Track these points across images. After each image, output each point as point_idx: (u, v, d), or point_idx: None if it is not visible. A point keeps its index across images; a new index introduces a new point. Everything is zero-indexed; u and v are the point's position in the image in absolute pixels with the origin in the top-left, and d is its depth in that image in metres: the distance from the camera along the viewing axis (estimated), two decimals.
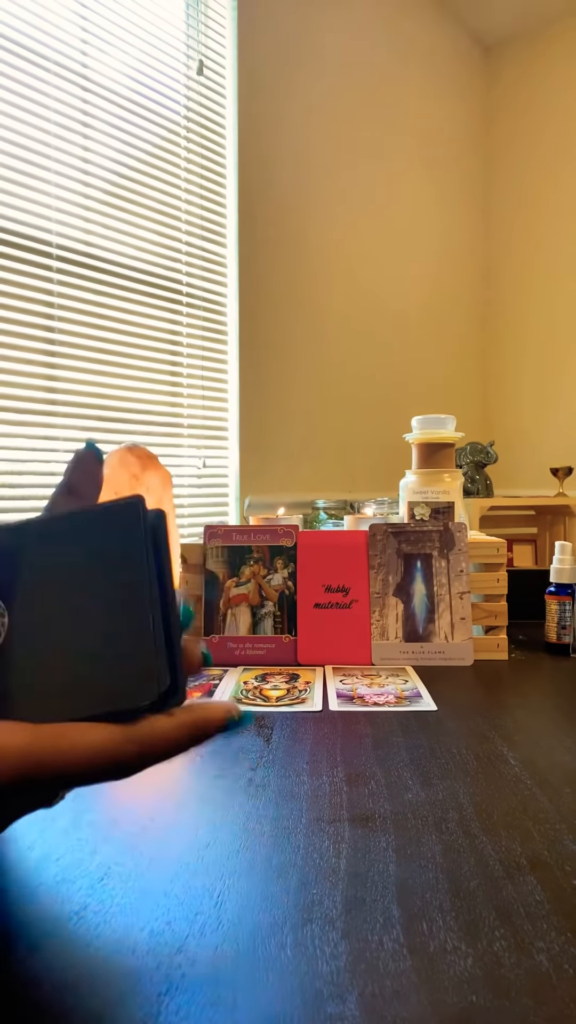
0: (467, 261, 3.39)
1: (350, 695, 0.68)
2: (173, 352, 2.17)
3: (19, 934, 0.32)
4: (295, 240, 2.52)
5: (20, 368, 1.77)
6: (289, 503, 2.29)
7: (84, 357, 1.91)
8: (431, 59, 3.13)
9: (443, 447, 0.93)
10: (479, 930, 0.32)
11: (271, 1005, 0.27)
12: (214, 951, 0.30)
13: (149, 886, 0.35)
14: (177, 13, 2.16)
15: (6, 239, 1.73)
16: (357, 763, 0.51)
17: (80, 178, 1.89)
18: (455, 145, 3.30)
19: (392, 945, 0.31)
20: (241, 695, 0.68)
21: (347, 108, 2.71)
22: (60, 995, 0.28)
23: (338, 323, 2.70)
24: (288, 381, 2.51)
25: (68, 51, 1.85)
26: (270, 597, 0.82)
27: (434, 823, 0.42)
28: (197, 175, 2.22)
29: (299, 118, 2.52)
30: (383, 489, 2.09)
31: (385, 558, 0.82)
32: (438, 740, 0.56)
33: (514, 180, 3.41)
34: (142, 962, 0.30)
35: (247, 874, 0.36)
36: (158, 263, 2.11)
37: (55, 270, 1.84)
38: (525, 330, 3.40)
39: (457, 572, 0.81)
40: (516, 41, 3.39)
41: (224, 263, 2.32)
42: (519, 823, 0.42)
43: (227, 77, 2.31)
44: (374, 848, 0.39)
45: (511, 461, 3.19)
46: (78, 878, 0.36)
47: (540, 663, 0.80)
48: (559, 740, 0.56)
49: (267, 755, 0.53)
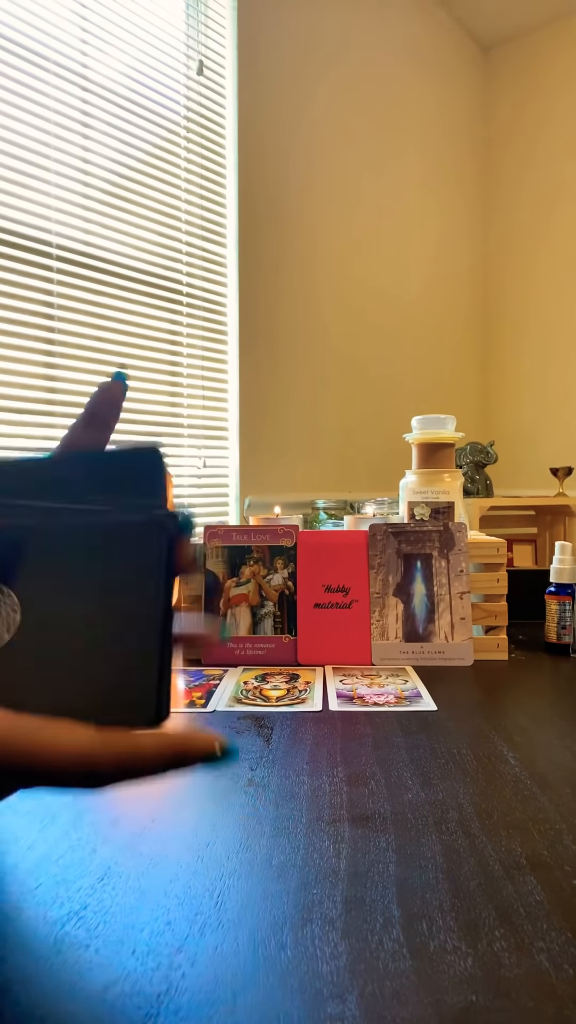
0: (467, 261, 3.39)
1: (350, 695, 0.68)
2: (173, 352, 2.17)
3: (19, 934, 0.32)
4: (295, 240, 2.52)
5: (20, 368, 1.77)
6: (289, 503, 2.29)
7: (84, 357, 1.91)
8: (431, 60, 3.13)
9: (443, 447, 0.93)
10: (479, 930, 0.32)
11: (271, 1005, 0.27)
12: (214, 951, 0.30)
13: (149, 886, 0.35)
14: (177, 13, 2.16)
15: (6, 239, 1.73)
16: (357, 763, 0.51)
17: (80, 178, 1.89)
18: (455, 145, 3.30)
19: (392, 945, 0.31)
20: (241, 695, 0.68)
21: (347, 108, 2.71)
22: (60, 995, 0.28)
23: (338, 323, 2.70)
24: (288, 381, 2.51)
25: (68, 51, 1.85)
26: (270, 597, 0.82)
27: (434, 823, 0.42)
28: (197, 175, 2.22)
29: (299, 118, 2.52)
30: (383, 489, 2.09)
31: (385, 558, 0.82)
32: (438, 740, 0.56)
33: (514, 180, 3.41)
34: (142, 962, 0.30)
35: (247, 874, 0.36)
36: (158, 263, 2.11)
37: (55, 270, 1.84)
38: (525, 330, 3.40)
39: (457, 572, 0.81)
40: (515, 41, 3.39)
41: (224, 263, 2.32)
42: (519, 823, 0.42)
43: (227, 77, 2.31)
44: (374, 848, 0.39)
45: (511, 461, 3.19)
46: (78, 878, 0.36)
47: (540, 663, 0.80)
48: (559, 740, 0.56)
49: (267, 755, 0.53)
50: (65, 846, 0.39)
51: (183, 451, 2.21)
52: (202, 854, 0.39)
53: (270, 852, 0.39)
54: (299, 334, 2.54)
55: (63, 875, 0.36)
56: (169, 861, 0.38)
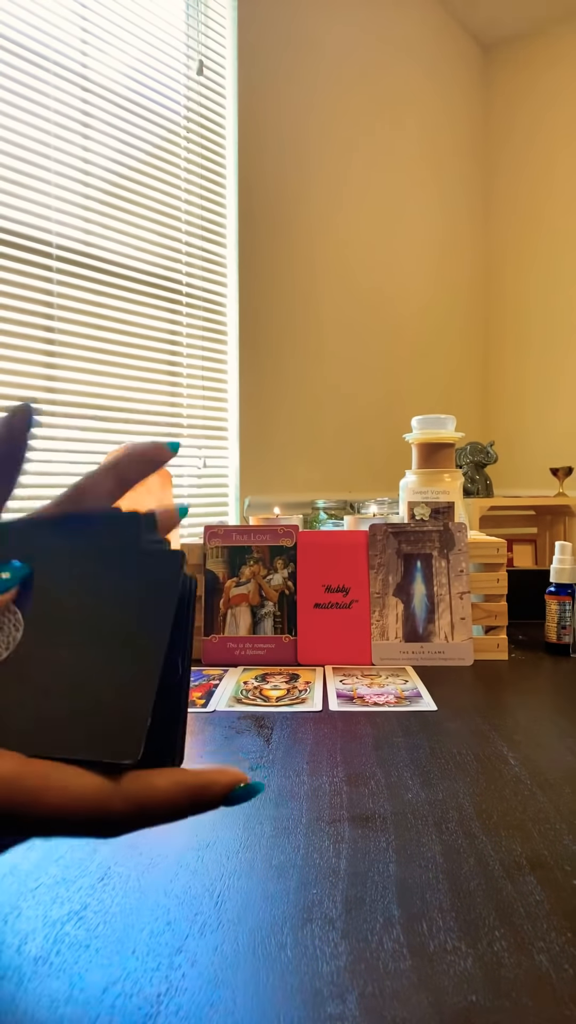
0: (467, 261, 3.39)
1: (350, 695, 0.68)
2: (173, 352, 2.17)
3: (19, 934, 0.32)
4: (295, 240, 2.52)
5: (20, 368, 1.77)
6: (289, 503, 2.29)
7: (84, 357, 1.91)
8: (431, 59, 3.13)
9: (443, 447, 0.93)
10: (479, 930, 0.32)
11: (271, 1005, 0.27)
12: (214, 951, 0.30)
13: (149, 886, 0.35)
14: (177, 13, 2.16)
15: (6, 239, 1.73)
16: (357, 763, 0.51)
17: (80, 178, 1.89)
18: (455, 145, 3.30)
19: (392, 945, 0.31)
20: (241, 695, 0.68)
21: (347, 108, 2.71)
22: (60, 995, 0.28)
23: (338, 323, 2.70)
24: (288, 381, 2.51)
25: (68, 51, 1.85)
26: (270, 597, 0.82)
27: (434, 823, 0.42)
28: (197, 175, 2.22)
29: (299, 118, 2.52)
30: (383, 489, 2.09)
31: (385, 558, 0.82)
32: (438, 740, 0.56)
33: (514, 180, 3.41)
34: (142, 962, 0.30)
35: (247, 874, 0.36)
36: (158, 263, 2.11)
37: (55, 270, 1.84)
38: (525, 330, 3.39)
39: (457, 572, 0.81)
40: (515, 40, 3.38)
41: (224, 263, 2.32)
42: (519, 823, 0.42)
43: (227, 77, 2.31)
44: (374, 848, 0.39)
45: (511, 461, 3.19)
46: (78, 878, 0.36)
47: (540, 663, 0.80)
48: (559, 740, 0.56)
49: (267, 755, 0.53)
50: (65, 846, 0.39)
51: (183, 451, 2.21)
52: (202, 854, 0.39)
53: (270, 852, 0.39)
54: (299, 334, 2.54)
55: (63, 875, 0.36)
56: (169, 861, 0.38)
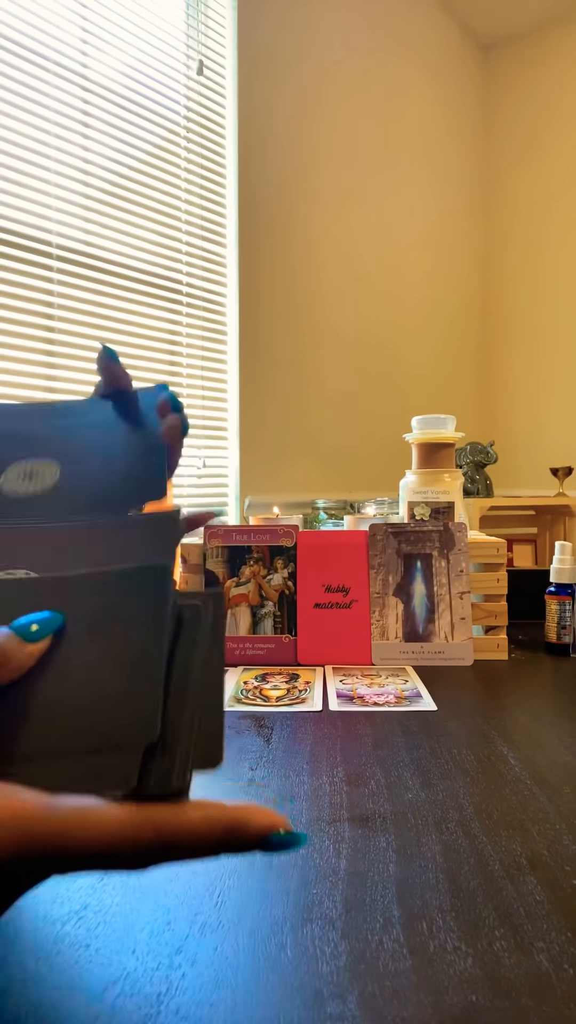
0: (467, 261, 3.39)
1: (350, 695, 0.68)
2: (173, 352, 2.17)
3: (19, 934, 0.32)
4: (295, 240, 2.52)
5: (20, 368, 1.77)
6: (289, 503, 2.29)
7: (84, 357, 1.91)
8: (431, 59, 3.13)
9: (443, 447, 0.93)
10: (479, 930, 0.32)
11: (271, 1005, 0.27)
12: (214, 951, 0.30)
13: (149, 886, 0.35)
14: (177, 13, 2.16)
15: (6, 239, 1.73)
16: (357, 763, 0.51)
17: (80, 178, 1.89)
18: (455, 145, 3.30)
19: (392, 945, 0.31)
20: (241, 695, 0.68)
21: (347, 107, 2.71)
22: (60, 995, 0.28)
23: (338, 322, 2.70)
24: (288, 381, 2.51)
25: (68, 51, 1.85)
26: (270, 597, 0.82)
27: (434, 823, 0.42)
28: (197, 175, 2.22)
29: (299, 118, 2.52)
30: (383, 489, 2.09)
31: (385, 558, 0.82)
32: (438, 740, 0.56)
33: (513, 179, 3.41)
34: (142, 962, 0.30)
35: (247, 874, 0.36)
36: (158, 263, 2.11)
37: (55, 270, 1.84)
38: (525, 330, 3.39)
39: (457, 572, 0.81)
40: (515, 40, 3.38)
41: (224, 263, 2.32)
42: (519, 823, 0.42)
43: (227, 77, 2.31)
44: (374, 848, 0.39)
45: (511, 461, 3.19)
46: (78, 878, 0.36)
47: (540, 663, 0.80)
48: (559, 740, 0.56)
49: (267, 755, 0.53)
50: None
51: (183, 451, 2.21)
52: None
53: None
54: (299, 334, 2.54)
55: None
56: None
